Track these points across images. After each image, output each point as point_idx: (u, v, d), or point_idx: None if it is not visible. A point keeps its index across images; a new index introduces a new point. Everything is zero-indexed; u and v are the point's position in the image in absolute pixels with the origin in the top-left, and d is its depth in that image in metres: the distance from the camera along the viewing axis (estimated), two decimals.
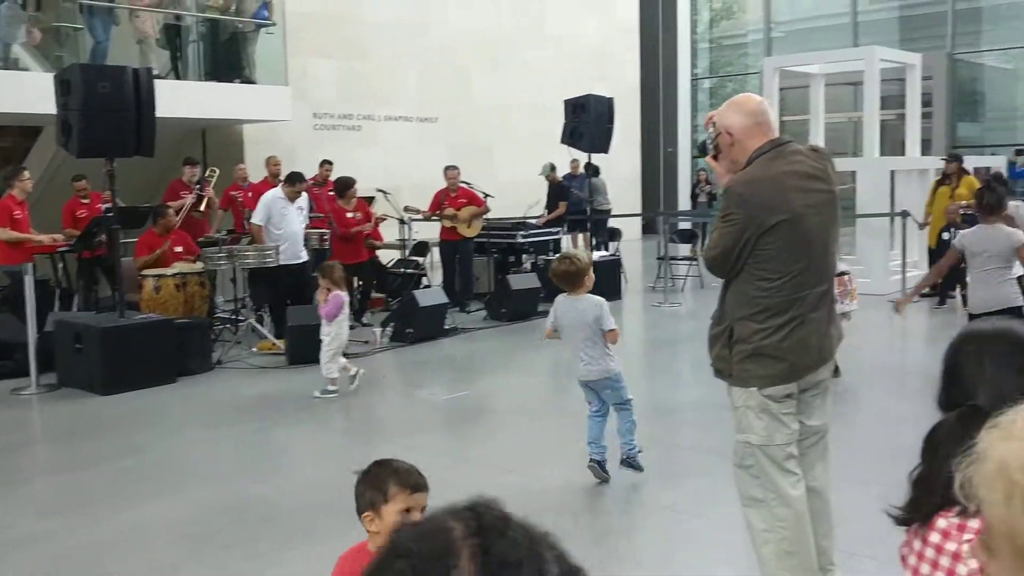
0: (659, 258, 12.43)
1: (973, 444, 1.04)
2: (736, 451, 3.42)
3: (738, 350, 3.34)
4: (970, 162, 12.90)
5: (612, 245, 13.75)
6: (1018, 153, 11.78)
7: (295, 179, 9.49)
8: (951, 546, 1.69)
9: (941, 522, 1.72)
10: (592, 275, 5.03)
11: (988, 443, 1.02)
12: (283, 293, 9.18)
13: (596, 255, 12.27)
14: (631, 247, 17.24)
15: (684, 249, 13.70)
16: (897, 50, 14.55)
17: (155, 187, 11.91)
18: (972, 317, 5.93)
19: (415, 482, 2.45)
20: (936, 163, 12.33)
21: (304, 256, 9.48)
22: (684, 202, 19.95)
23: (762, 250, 3.24)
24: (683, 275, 12.81)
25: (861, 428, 6.08)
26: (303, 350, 8.22)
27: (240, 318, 9.50)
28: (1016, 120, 18.93)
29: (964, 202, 10.02)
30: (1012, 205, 9.20)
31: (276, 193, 9.42)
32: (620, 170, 19.15)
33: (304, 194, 9.67)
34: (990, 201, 6.00)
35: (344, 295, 7.29)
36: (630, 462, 5.07)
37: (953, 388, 1.88)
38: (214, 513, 4.85)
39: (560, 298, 5.10)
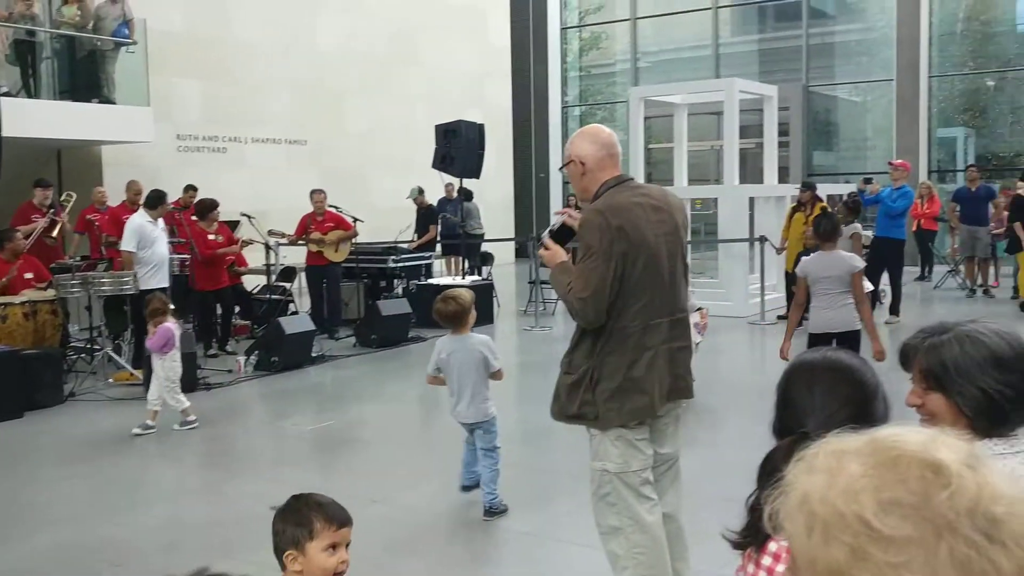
0: (530, 282, 12.55)
1: (781, 476, 1.06)
2: (593, 479, 3.43)
3: (603, 389, 3.31)
4: (825, 189, 13.55)
5: (485, 269, 13.82)
6: (866, 181, 12.40)
7: (159, 199, 9.17)
8: (781, 568, 1.74)
9: (772, 545, 1.77)
10: (474, 312, 5.04)
11: (793, 475, 1.04)
12: (142, 321, 8.82)
13: (468, 279, 12.31)
14: (504, 271, 17.35)
15: None
16: (755, 82, 15.19)
17: (4, 210, 11.30)
18: (813, 337, 6.21)
19: (341, 517, 2.36)
20: (792, 190, 12.87)
21: (167, 281, 9.17)
22: None
23: (622, 281, 3.25)
24: (554, 299, 12.95)
25: (721, 448, 6.25)
26: None
27: (96, 347, 9.09)
28: (866, 150, 20.01)
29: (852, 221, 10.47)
30: (858, 229, 9.70)
31: (143, 217, 9.07)
32: (493, 195, 19.30)
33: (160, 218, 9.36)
34: (826, 228, 6.31)
35: (172, 326, 6.95)
36: (492, 511, 4.95)
37: (786, 415, 1.94)
38: (58, 560, 4.58)
39: (444, 339, 5.04)
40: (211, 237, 9.94)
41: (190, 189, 11.45)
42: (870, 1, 19.80)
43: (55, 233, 10.01)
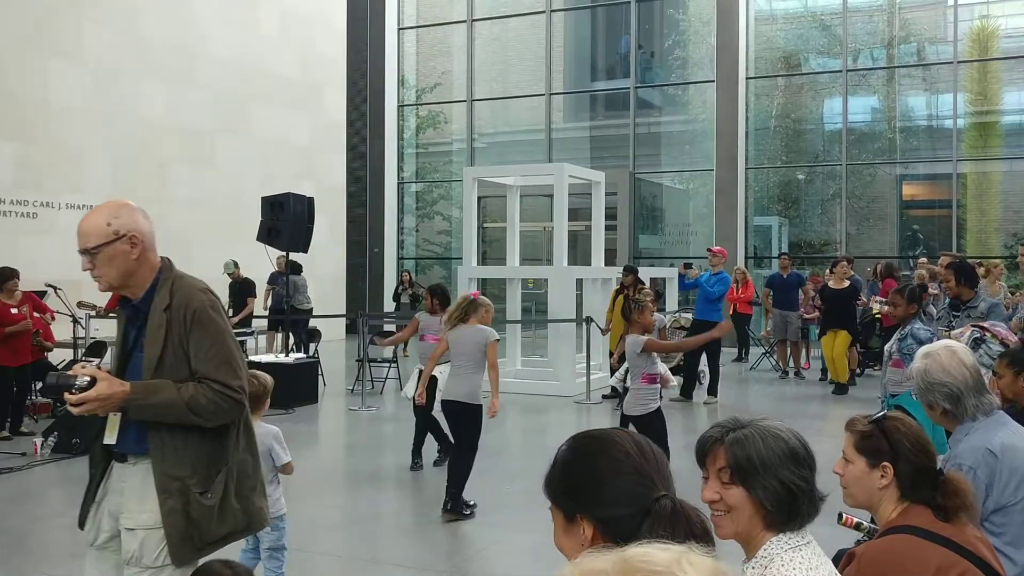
0: (357, 360, 12.29)
1: None
2: None
3: (247, 488, 2.90)
4: (650, 272, 14.02)
5: (311, 346, 13.46)
6: (687, 266, 12.95)
7: None
8: None
9: None
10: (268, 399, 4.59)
11: None
12: None
13: (293, 356, 11.94)
14: (333, 348, 16.99)
15: (387, 351, 13.65)
16: (584, 167, 15.68)
17: None
18: (624, 417, 6.79)
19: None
20: (617, 273, 13.26)
21: None
22: (390, 303, 20.10)
23: None
24: (383, 376, 12.74)
25: (536, 533, 6.19)
26: None
27: None
28: (689, 235, 20.96)
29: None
30: (658, 317, 10.05)
31: None
32: (325, 269, 19.01)
33: None
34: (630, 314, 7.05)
35: None
36: None
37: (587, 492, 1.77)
38: None
39: None
40: (12, 311, 9.18)
41: None
42: (693, 95, 20.98)
43: None
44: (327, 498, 7.22)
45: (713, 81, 19.65)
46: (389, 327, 15.70)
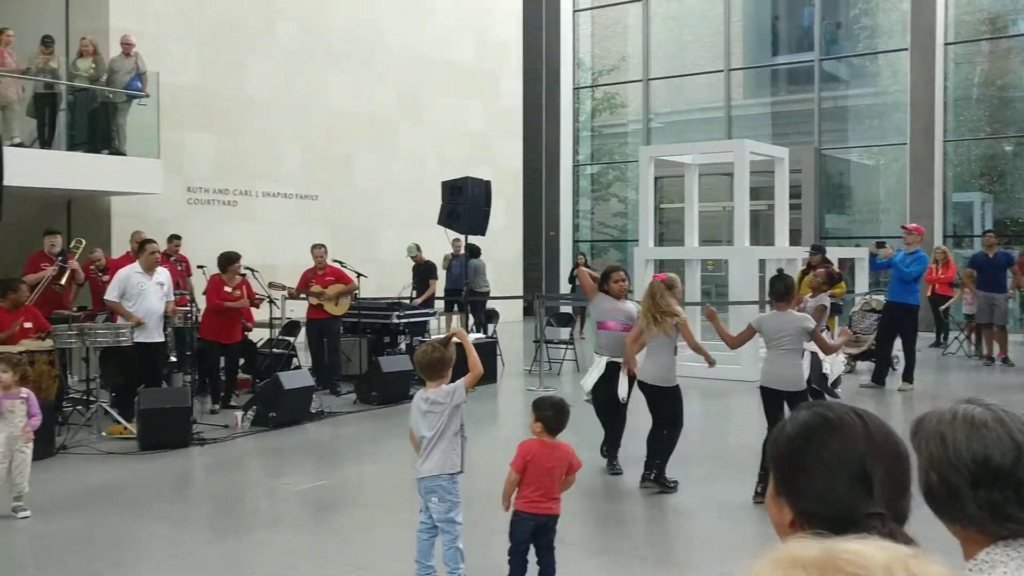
0: (535, 341, 12.37)
1: None
2: None
3: None
4: (838, 253, 13.38)
5: (490, 327, 13.66)
6: (879, 245, 12.26)
7: (146, 247, 9.10)
8: None
9: None
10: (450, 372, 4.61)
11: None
12: (135, 374, 8.70)
13: (472, 337, 12.14)
14: (512, 329, 17.20)
15: (564, 332, 13.72)
16: (766, 144, 15.12)
17: (16, 259, 11.27)
18: (763, 389, 6.44)
19: None
20: (803, 253, 12.72)
21: (160, 336, 9.02)
22: (566, 285, 20.14)
23: None
24: (560, 358, 12.77)
25: (712, 518, 6.01)
26: (157, 434, 7.86)
27: (92, 400, 8.94)
28: (879, 213, 19.88)
29: (828, 291, 10.27)
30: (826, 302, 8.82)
31: (133, 267, 8.99)
32: (503, 252, 19.26)
33: (166, 270, 9.27)
34: (778, 289, 6.51)
35: (23, 391, 6.09)
36: None
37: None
38: None
39: (419, 394, 4.68)
40: (227, 290, 9.79)
41: (174, 238, 11.46)
42: (882, 66, 19.85)
43: (63, 280, 9.96)
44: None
45: (906, 49, 18.52)
46: (565, 309, 15.76)
